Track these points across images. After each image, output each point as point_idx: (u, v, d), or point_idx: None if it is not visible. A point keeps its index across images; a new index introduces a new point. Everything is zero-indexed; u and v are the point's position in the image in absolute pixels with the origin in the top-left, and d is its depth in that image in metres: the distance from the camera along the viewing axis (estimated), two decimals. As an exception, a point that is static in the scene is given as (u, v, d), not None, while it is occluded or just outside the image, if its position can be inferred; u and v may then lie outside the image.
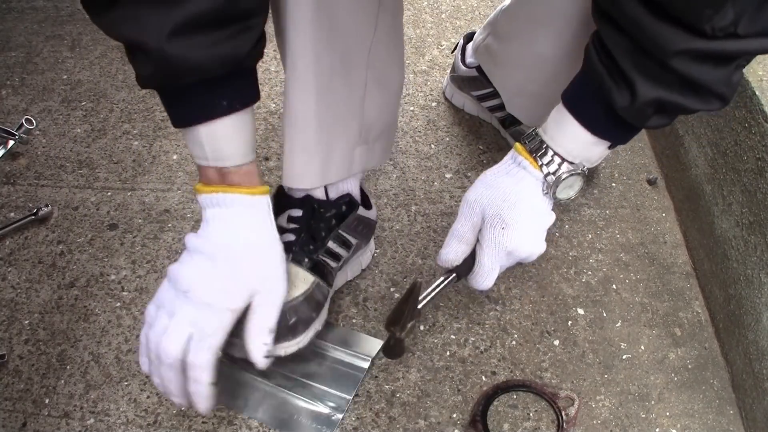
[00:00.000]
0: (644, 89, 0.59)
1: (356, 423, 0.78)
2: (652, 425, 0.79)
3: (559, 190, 0.71)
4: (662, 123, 0.63)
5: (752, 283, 0.79)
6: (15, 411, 0.78)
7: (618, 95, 0.61)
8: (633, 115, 0.62)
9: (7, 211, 1.00)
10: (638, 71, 0.59)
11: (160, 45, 0.54)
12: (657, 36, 0.56)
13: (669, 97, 0.59)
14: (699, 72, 0.57)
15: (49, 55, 1.29)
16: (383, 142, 0.84)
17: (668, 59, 0.56)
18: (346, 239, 0.85)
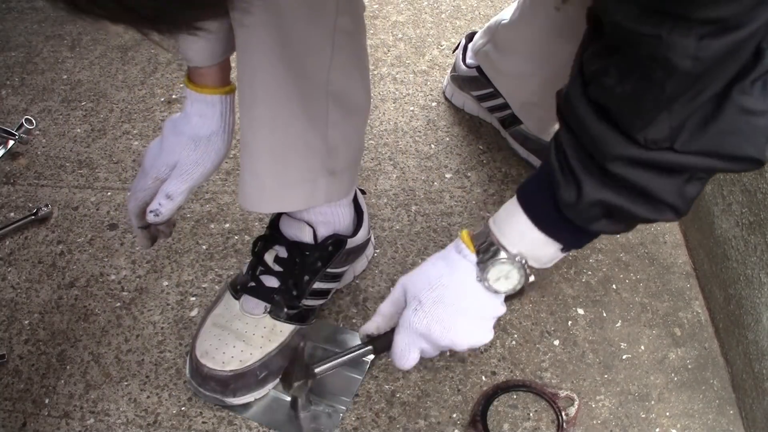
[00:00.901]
0: (590, 189, 0.57)
1: (356, 423, 0.78)
2: (652, 425, 0.79)
3: (491, 277, 0.66)
4: (613, 229, 0.61)
5: (752, 283, 0.79)
6: (15, 411, 0.78)
7: (565, 192, 0.59)
8: (577, 215, 0.60)
9: (7, 211, 1.00)
10: (586, 170, 0.57)
11: None
12: (596, 138, 0.55)
13: (616, 201, 0.57)
14: (641, 178, 0.55)
15: (49, 55, 1.29)
16: (349, 174, 0.81)
17: (606, 162, 0.55)
18: (334, 274, 0.84)
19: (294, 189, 0.76)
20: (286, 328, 0.80)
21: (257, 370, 0.77)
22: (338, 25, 0.68)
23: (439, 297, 0.67)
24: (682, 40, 0.45)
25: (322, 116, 0.73)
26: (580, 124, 0.56)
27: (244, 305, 0.80)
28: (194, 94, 0.72)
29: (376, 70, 1.26)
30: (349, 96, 0.74)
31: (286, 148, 0.73)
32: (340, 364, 0.73)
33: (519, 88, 1.02)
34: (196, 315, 0.88)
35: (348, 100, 0.74)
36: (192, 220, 1.00)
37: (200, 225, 0.99)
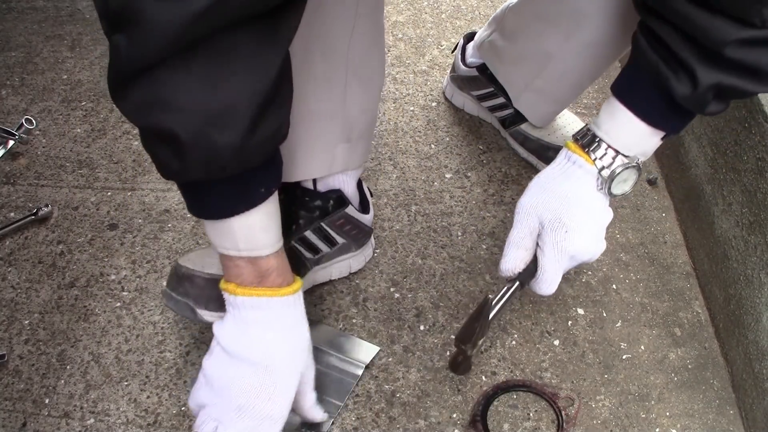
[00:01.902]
0: (705, 76, 0.59)
1: (356, 423, 0.78)
2: (652, 425, 0.79)
3: (614, 184, 0.69)
4: (720, 109, 0.63)
5: (752, 283, 0.79)
6: (15, 411, 0.78)
7: (677, 83, 0.61)
8: (693, 103, 0.62)
9: (7, 211, 1.00)
10: (697, 58, 0.59)
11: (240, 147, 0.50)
12: (708, 29, 0.56)
13: (729, 82, 0.59)
14: (754, 57, 0.57)
15: (49, 55, 1.29)
16: (364, 142, 0.83)
17: (722, 49, 0.56)
18: (329, 234, 0.84)
19: (317, 156, 0.76)
20: None
21: None
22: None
23: (581, 217, 0.69)
24: None
25: (341, 83, 0.73)
26: (685, 20, 0.57)
27: None
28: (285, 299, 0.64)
29: (376, 70, 1.26)
30: (366, 66, 0.75)
31: (314, 117, 0.72)
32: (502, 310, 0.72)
33: (523, 73, 1.01)
34: (196, 315, 0.88)
35: (365, 70, 0.75)
36: (192, 219, 1.00)
37: (200, 225, 0.99)
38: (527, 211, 0.70)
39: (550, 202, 0.69)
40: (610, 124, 0.68)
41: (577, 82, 0.96)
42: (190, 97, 0.47)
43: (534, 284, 0.72)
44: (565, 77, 0.95)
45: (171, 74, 0.46)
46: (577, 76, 0.95)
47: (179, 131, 0.48)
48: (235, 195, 0.57)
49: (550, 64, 0.94)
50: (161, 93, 0.47)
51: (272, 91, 0.50)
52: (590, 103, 1.22)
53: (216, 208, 0.58)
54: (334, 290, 0.91)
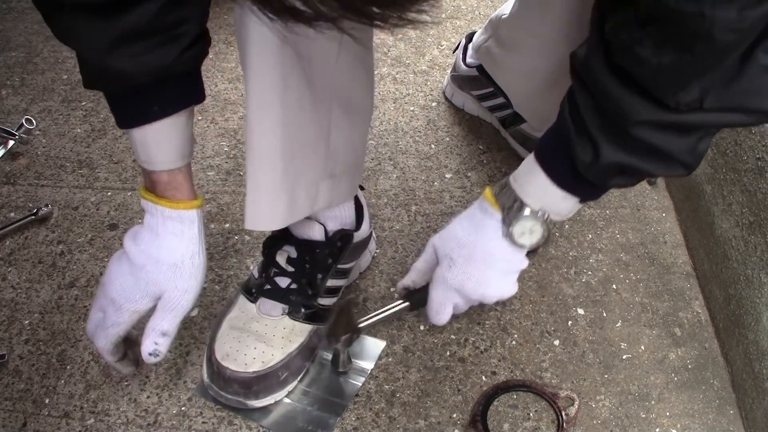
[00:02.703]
0: (607, 152, 0.59)
1: (356, 423, 0.78)
2: (652, 425, 0.79)
3: (516, 232, 0.71)
4: (625, 184, 0.64)
5: (752, 283, 0.79)
6: (15, 411, 0.78)
7: (582, 153, 0.62)
8: (594, 175, 0.63)
9: (7, 211, 1.00)
10: (603, 133, 0.59)
11: (100, 57, 0.58)
12: (621, 104, 0.56)
13: (632, 162, 0.59)
14: (661, 141, 0.57)
15: (49, 55, 1.29)
16: (349, 177, 0.79)
17: (629, 127, 0.57)
18: (343, 270, 0.85)
19: (302, 195, 0.73)
20: (304, 328, 0.80)
21: (279, 371, 0.77)
22: None
23: (469, 254, 0.73)
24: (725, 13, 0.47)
25: (325, 119, 0.71)
26: (602, 91, 0.58)
27: (261, 307, 0.79)
28: (167, 210, 0.67)
29: (376, 70, 1.26)
30: (352, 97, 0.73)
31: (298, 152, 0.69)
32: (382, 320, 0.81)
33: (521, 84, 1.01)
34: (196, 315, 0.88)
35: (351, 102, 0.73)
36: (192, 220, 1.00)
37: (200, 225, 0.99)
38: (430, 244, 0.78)
39: (448, 239, 0.75)
40: (525, 178, 0.70)
41: None
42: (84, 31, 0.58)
43: (426, 311, 0.79)
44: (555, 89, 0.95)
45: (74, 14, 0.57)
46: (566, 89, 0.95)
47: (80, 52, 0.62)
48: (132, 109, 0.64)
49: (541, 77, 0.94)
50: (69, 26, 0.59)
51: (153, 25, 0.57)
52: (590, 103, 1.22)
53: (121, 119, 0.66)
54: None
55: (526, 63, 0.97)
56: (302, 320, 0.80)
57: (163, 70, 0.61)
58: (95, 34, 0.57)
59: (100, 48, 0.57)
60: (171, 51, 0.60)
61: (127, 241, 0.69)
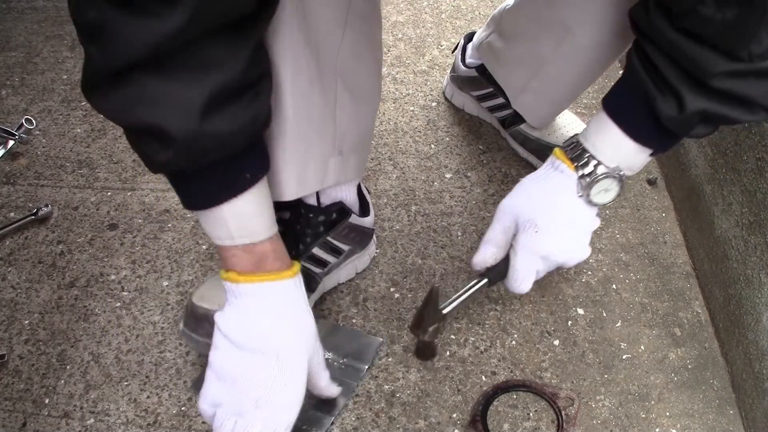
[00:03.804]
0: (692, 101, 0.59)
1: (356, 423, 0.78)
2: (652, 425, 0.79)
3: (593, 192, 0.70)
4: (706, 132, 0.63)
5: (752, 283, 0.79)
6: (15, 411, 0.78)
7: (664, 105, 0.61)
8: (678, 125, 0.62)
9: (7, 211, 1.00)
10: (685, 84, 0.59)
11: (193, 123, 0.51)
12: (696, 59, 0.57)
13: (716, 109, 0.59)
14: (742, 88, 0.57)
15: (49, 55, 1.29)
16: (357, 155, 0.81)
17: (709, 79, 0.57)
18: (335, 246, 0.85)
19: (312, 170, 0.76)
20: None
21: None
22: (352, 7, 0.68)
23: (553, 218, 0.71)
24: None
25: (332, 94, 0.73)
26: (674, 49, 0.58)
27: None
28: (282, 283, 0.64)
29: (376, 70, 1.26)
30: (357, 78, 0.75)
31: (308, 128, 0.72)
32: (465, 302, 0.76)
33: (521, 75, 1.00)
34: (196, 315, 0.88)
35: (356, 83, 0.75)
36: (192, 219, 1.00)
37: (200, 225, 0.99)
38: (505, 211, 0.73)
39: (526, 204, 0.72)
40: (597, 137, 0.69)
41: (572, 86, 0.96)
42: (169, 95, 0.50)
43: (507, 282, 0.75)
44: (559, 80, 0.95)
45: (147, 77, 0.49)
46: (571, 80, 0.95)
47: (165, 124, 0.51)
48: (222, 182, 0.59)
49: (544, 68, 0.94)
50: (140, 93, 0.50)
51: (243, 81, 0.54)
52: (590, 103, 1.22)
53: (205, 197, 0.60)
54: (334, 290, 0.91)
55: (531, 52, 0.96)
56: None
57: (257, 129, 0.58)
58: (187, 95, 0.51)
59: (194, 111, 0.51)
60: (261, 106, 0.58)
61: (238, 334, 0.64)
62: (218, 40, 0.51)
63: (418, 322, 0.75)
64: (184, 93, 0.50)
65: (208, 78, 0.51)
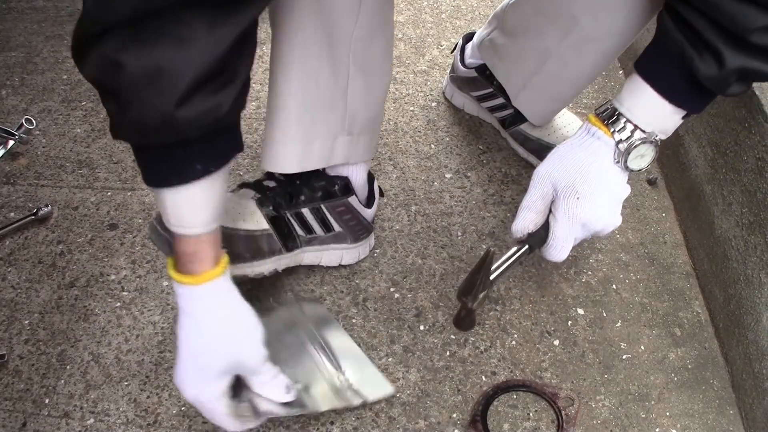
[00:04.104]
0: (731, 58, 0.59)
1: (356, 423, 0.78)
2: (652, 425, 0.79)
3: (630, 158, 0.69)
4: (741, 90, 0.63)
5: (752, 283, 0.79)
6: (15, 411, 0.78)
7: (702, 64, 0.61)
8: (717, 84, 0.62)
9: (7, 211, 1.00)
10: (723, 41, 0.59)
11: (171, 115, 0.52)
12: (734, 15, 0.57)
13: (755, 66, 0.59)
14: None
15: (49, 55, 1.29)
16: (367, 136, 0.85)
17: (748, 35, 0.57)
18: (326, 218, 0.86)
19: (317, 146, 0.79)
20: (262, 222, 0.81)
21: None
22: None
23: (595, 186, 0.70)
24: None
25: (343, 76, 0.76)
26: (712, 8, 0.58)
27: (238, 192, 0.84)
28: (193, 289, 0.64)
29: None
30: (370, 61, 0.77)
31: (315, 105, 0.76)
32: (507, 269, 0.73)
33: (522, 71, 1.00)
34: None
35: (369, 64, 0.77)
36: (192, 220, 1.00)
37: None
38: (542, 177, 0.72)
39: (565, 170, 0.71)
40: (632, 100, 0.68)
41: (575, 80, 0.96)
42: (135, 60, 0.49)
43: (545, 250, 0.74)
44: (563, 74, 0.95)
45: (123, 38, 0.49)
46: (575, 74, 0.95)
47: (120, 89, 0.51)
48: (170, 167, 0.58)
49: (548, 61, 0.94)
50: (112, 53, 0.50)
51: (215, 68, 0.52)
52: (590, 103, 1.22)
53: (152, 176, 0.59)
54: (334, 290, 0.91)
55: (532, 45, 0.96)
56: (265, 213, 0.82)
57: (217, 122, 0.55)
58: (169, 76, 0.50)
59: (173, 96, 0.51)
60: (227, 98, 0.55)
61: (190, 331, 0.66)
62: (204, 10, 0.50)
63: (469, 288, 0.71)
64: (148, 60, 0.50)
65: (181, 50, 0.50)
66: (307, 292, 0.91)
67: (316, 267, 0.93)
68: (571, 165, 0.71)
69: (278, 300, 0.89)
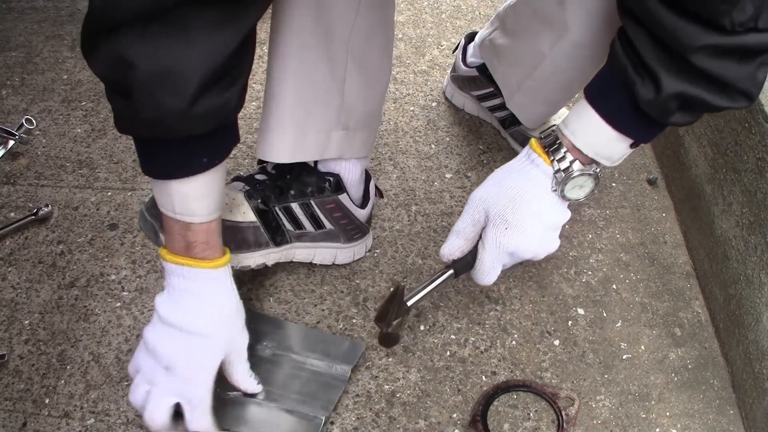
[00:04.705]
0: (669, 83, 0.58)
1: (356, 423, 0.78)
2: (652, 425, 0.79)
3: (567, 188, 0.69)
4: (686, 120, 0.62)
5: (752, 283, 0.80)
6: (15, 411, 0.78)
7: (642, 88, 0.60)
8: (656, 110, 0.61)
9: (7, 211, 1.00)
10: (663, 65, 0.59)
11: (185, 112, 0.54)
12: (677, 32, 0.56)
13: (693, 92, 0.58)
14: (721, 68, 0.56)
15: (49, 55, 1.29)
16: (364, 132, 0.84)
17: (689, 55, 0.56)
18: (316, 214, 0.85)
19: (311, 138, 0.79)
20: (249, 214, 0.82)
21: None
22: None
23: (525, 215, 0.70)
24: None
25: (340, 71, 0.76)
26: (656, 22, 0.57)
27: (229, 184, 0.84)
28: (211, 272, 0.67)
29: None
30: (368, 58, 0.78)
31: (309, 97, 0.76)
32: (427, 294, 0.75)
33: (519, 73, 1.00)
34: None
35: (367, 62, 0.78)
36: (192, 220, 1.00)
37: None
38: (476, 203, 0.72)
39: (498, 197, 0.71)
40: (577, 124, 0.68)
41: (567, 84, 0.96)
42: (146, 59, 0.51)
43: (472, 275, 0.75)
44: (554, 78, 0.95)
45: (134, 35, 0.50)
46: (566, 77, 0.95)
47: (132, 87, 0.52)
48: (178, 160, 0.60)
49: (542, 65, 0.94)
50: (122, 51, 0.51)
51: (225, 66, 0.54)
52: (590, 103, 1.22)
53: (159, 169, 0.62)
54: (334, 290, 0.91)
55: (528, 48, 0.96)
56: (253, 206, 0.82)
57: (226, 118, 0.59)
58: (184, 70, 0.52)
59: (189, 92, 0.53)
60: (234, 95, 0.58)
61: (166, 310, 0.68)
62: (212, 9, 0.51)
63: (382, 316, 0.75)
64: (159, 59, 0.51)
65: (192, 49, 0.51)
66: (307, 292, 0.91)
67: (317, 267, 0.93)
68: (506, 192, 0.70)
69: None
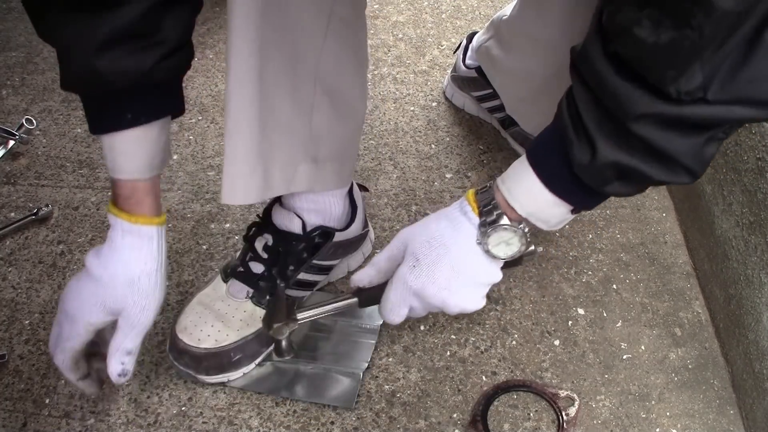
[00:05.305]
0: (605, 149, 0.54)
1: (356, 423, 0.78)
2: (652, 425, 0.79)
3: (491, 242, 0.65)
4: (626, 191, 0.58)
5: (752, 283, 0.80)
6: (15, 411, 0.78)
7: (578, 151, 0.56)
8: (590, 176, 0.57)
9: (8, 211, 1.00)
10: (601, 130, 0.55)
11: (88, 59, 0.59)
12: (620, 96, 0.52)
13: (630, 163, 0.54)
14: (663, 139, 0.52)
15: (49, 55, 1.29)
16: (336, 164, 0.79)
17: (629, 122, 0.52)
18: (323, 266, 0.85)
19: (276, 173, 0.73)
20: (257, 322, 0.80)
21: (231, 351, 0.78)
22: (335, 11, 0.66)
23: (438, 257, 0.67)
24: None
25: (308, 100, 0.70)
26: (599, 82, 0.53)
27: (230, 288, 0.81)
28: (126, 224, 0.65)
29: (376, 70, 1.26)
30: (339, 87, 0.72)
31: (272, 130, 0.69)
32: (322, 313, 0.73)
33: (516, 87, 1.02)
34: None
35: (338, 91, 0.72)
36: (192, 220, 1.00)
37: (200, 225, 0.99)
38: (399, 238, 0.70)
39: (418, 235, 0.68)
40: (514, 181, 0.64)
41: None
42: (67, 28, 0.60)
43: (378, 309, 0.72)
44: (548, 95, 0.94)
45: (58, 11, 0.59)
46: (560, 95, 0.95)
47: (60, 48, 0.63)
48: (104, 115, 0.63)
49: (534, 82, 0.95)
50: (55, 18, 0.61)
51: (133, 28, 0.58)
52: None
53: (92, 123, 0.65)
54: (334, 290, 0.91)
55: (522, 66, 0.97)
56: (264, 307, 0.80)
57: (141, 77, 0.60)
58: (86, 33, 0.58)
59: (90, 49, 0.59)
60: (150, 57, 0.60)
61: (90, 254, 0.68)
62: None
63: (266, 318, 0.75)
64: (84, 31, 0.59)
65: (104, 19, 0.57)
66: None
67: (317, 267, 0.93)
68: (426, 233, 0.68)
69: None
